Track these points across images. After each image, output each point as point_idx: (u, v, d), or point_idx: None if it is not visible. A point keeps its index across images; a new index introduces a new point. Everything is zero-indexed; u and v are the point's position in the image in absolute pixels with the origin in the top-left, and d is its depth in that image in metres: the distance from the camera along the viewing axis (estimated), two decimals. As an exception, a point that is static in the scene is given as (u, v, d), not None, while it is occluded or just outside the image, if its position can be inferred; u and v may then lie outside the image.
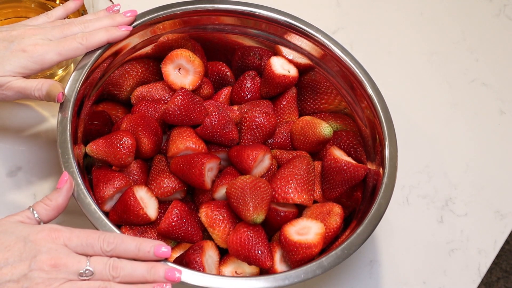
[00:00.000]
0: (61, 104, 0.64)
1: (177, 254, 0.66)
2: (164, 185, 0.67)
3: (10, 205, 0.73)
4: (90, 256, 0.55)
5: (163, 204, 0.68)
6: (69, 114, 0.64)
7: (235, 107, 0.75)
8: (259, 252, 0.62)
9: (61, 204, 0.59)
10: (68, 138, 0.62)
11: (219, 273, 0.64)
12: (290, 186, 0.66)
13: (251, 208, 0.62)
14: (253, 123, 0.70)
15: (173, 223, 0.64)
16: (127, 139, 0.67)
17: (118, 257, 0.55)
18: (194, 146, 0.68)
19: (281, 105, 0.76)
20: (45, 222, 0.58)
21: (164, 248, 0.56)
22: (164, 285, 0.54)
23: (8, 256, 0.53)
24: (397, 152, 0.67)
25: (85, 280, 0.54)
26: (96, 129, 0.71)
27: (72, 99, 0.64)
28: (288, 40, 0.75)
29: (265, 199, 0.64)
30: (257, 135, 0.71)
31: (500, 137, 0.90)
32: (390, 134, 0.68)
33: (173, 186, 0.67)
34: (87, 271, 0.54)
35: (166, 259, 0.56)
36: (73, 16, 0.81)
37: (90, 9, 0.78)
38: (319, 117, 0.76)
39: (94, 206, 0.59)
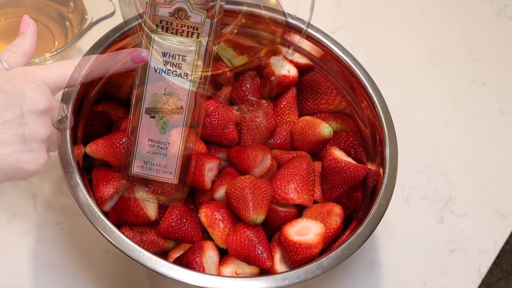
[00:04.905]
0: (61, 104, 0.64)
1: (177, 254, 0.66)
2: (164, 185, 0.67)
3: (10, 205, 0.73)
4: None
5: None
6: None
7: (235, 107, 0.75)
8: (259, 252, 0.62)
9: (28, 49, 0.56)
10: (68, 138, 0.62)
11: (219, 274, 0.64)
12: (290, 186, 0.66)
13: (251, 209, 0.62)
14: (253, 123, 0.70)
15: (173, 223, 0.64)
16: (127, 139, 0.67)
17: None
18: (194, 146, 0.67)
19: (281, 105, 0.76)
20: None
21: (142, 54, 0.57)
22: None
23: None
24: (397, 152, 0.67)
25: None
26: (96, 129, 0.71)
27: (72, 99, 0.64)
28: (288, 40, 0.75)
29: (265, 200, 0.64)
30: (257, 135, 0.71)
31: (500, 137, 0.90)
32: (390, 134, 0.68)
33: (173, 186, 0.67)
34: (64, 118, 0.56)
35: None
36: (73, 16, 0.81)
37: (91, 9, 0.77)
38: (319, 117, 0.76)
39: (94, 206, 0.59)
